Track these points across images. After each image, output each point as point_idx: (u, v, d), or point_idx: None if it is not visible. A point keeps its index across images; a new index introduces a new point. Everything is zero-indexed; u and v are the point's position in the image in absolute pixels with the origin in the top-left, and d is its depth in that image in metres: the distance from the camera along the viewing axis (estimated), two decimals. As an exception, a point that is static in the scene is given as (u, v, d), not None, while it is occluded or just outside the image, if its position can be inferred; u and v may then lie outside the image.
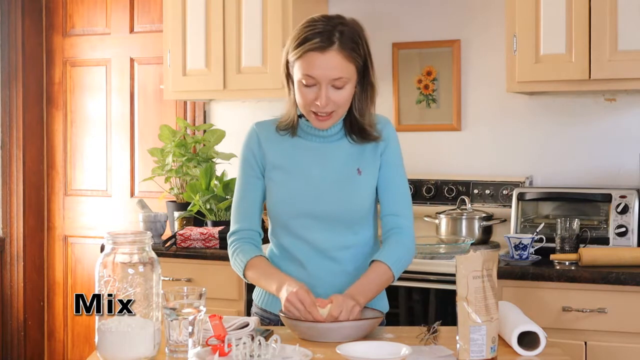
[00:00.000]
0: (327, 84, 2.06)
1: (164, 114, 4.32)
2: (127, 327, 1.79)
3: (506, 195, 3.47)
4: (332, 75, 2.05)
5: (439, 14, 3.70)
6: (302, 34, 2.07)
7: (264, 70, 3.65)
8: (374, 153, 2.20)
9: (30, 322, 4.56)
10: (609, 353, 2.85)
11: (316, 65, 2.04)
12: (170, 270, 3.46)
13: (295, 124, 2.18)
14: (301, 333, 2.00)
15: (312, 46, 2.04)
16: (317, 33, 2.05)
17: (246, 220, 2.24)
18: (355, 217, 2.18)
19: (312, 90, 2.07)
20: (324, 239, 2.17)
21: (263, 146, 2.20)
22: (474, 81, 3.66)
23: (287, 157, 2.19)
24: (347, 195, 2.16)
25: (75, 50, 4.54)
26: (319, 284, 2.16)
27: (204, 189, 3.69)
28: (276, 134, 2.21)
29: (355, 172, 2.18)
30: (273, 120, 2.24)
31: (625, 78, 3.08)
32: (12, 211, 4.52)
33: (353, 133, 2.18)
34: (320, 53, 2.04)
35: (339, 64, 2.05)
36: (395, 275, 2.16)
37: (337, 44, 2.05)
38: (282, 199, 2.18)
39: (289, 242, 2.20)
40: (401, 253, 2.18)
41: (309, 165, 2.18)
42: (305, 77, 2.06)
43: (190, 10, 3.77)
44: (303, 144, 2.19)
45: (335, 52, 2.04)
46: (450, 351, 1.87)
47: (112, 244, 1.83)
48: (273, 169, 2.19)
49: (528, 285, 2.94)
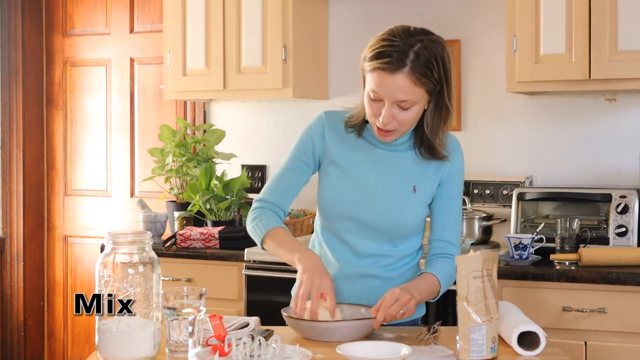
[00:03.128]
0: (391, 104, 2.00)
1: (164, 114, 4.32)
2: (127, 327, 1.79)
3: (506, 195, 3.47)
4: (397, 97, 1.98)
5: (439, 14, 3.70)
6: (377, 47, 1.99)
7: (264, 70, 3.65)
8: (436, 172, 2.16)
9: (30, 322, 4.56)
10: (609, 353, 2.85)
11: (383, 84, 1.98)
12: (170, 270, 3.46)
13: (363, 126, 2.15)
14: (302, 332, 2.01)
15: (382, 65, 1.96)
16: (391, 52, 1.96)
17: (277, 196, 2.22)
18: (399, 233, 2.17)
19: (377, 105, 2.02)
20: (364, 245, 2.16)
21: (327, 138, 2.17)
22: (474, 81, 3.66)
23: (348, 156, 2.16)
24: (396, 210, 2.14)
25: (75, 50, 4.54)
26: (349, 283, 2.17)
27: (204, 189, 3.68)
28: (343, 129, 2.17)
29: (411, 189, 2.14)
30: (343, 112, 2.20)
31: (625, 78, 3.08)
32: (12, 211, 4.53)
33: (422, 147, 2.13)
34: (389, 74, 1.96)
35: (406, 88, 1.97)
36: (440, 292, 2.14)
37: (408, 67, 1.96)
38: (332, 197, 2.16)
39: (329, 239, 2.20)
40: (449, 274, 2.15)
41: (366, 170, 2.15)
42: (372, 92, 2.01)
43: (190, 10, 3.77)
44: (367, 147, 2.16)
45: (404, 76, 1.96)
46: (450, 351, 1.87)
47: (112, 244, 1.83)
48: (331, 164, 2.17)
49: (528, 285, 2.94)
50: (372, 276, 2.18)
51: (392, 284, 2.11)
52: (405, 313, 1.99)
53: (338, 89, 3.89)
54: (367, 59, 2.01)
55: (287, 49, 3.61)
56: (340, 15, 3.83)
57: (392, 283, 2.14)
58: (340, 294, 2.15)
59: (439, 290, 2.14)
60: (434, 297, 2.16)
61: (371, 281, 2.18)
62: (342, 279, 2.17)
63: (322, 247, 2.23)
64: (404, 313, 1.99)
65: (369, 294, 2.15)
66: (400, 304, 1.97)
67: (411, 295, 2.01)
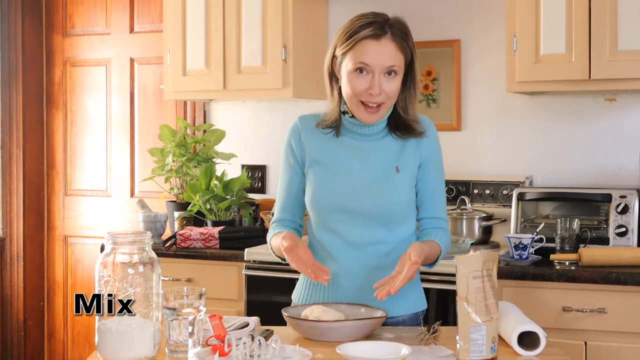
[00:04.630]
0: (380, 72, 2.09)
1: (164, 114, 4.32)
2: (127, 327, 1.79)
3: (506, 195, 3.47)
4: (386, 62, 2.09)
5: (439, 14, 3.70)
6: (353, 26, 2.12)
7: (264, 70, 3.65)
8: (415, 150, 2.22)
9: (30, 322, 4.56)
10: (609, 353, 2.85)
11: (371, 52, 2.09)
12: (170, 270, 3.46)
13: (339, 124, 2.21)
14: (302, 332, 2.01)
15: (366, 34, 2.09)
16: (369, 23, 2.10)
17: (287, 212, 2.30)
18: (391, 215, 2.20)
19: (365, 79, 2.10)
20: (358, 234, 2.19)
21: (303, 140, 2.24)
22: (474, 81, 3.66)
23: (328, 153, 2.21)
24: (384, 193, 2.18)
25: (75, 50, 4.54)
26: (351, 278, 2.19)
27: (204, 189, 3.69)
28: (319, 130, 2.23)
29: (394, 170, 2.19)
30: (316, 115, 2.27)
31: (625, 78, 3.08)
32: (12, 211, 4.53)
33: (397, 129, 2.21)
34: (375, 40, 2.09)
35: (392, 52, 2.10)
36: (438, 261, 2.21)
37: (389, 33, 2.10)
38: (320, 194, 2.20)
39: (324, 236, 2.22)
40: (446, 244, 2.23)
41: (348, 161, 2.20)
42: (359, 64, 2.09)
43: (190, 10, 3.77)
44: (346, 142, 2.21)
45: (388, 41, 2.10)
46: (450, 351, 1.87)
47: (112, 244, 1.83)
48: (313, 164, 2.22)
49: (528, 285, 2.94)
50: (372, 267, 2.19)
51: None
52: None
53: (338, 89, 3.89)
54: (344, 41, 2.13)
55: (287, 49, 3.61)
56: (340, 15, 3.83)
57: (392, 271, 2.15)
58: (343, 289, 2.18)
59: (438, 255, 2.20)
60: (432, 263, 2.21)
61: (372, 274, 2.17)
62: (343, 274, 2.20)
63: (320, 246, 2.24)
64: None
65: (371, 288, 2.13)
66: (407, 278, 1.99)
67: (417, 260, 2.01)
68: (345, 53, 2.12)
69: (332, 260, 2.21)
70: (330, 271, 2.07)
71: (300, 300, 2.30)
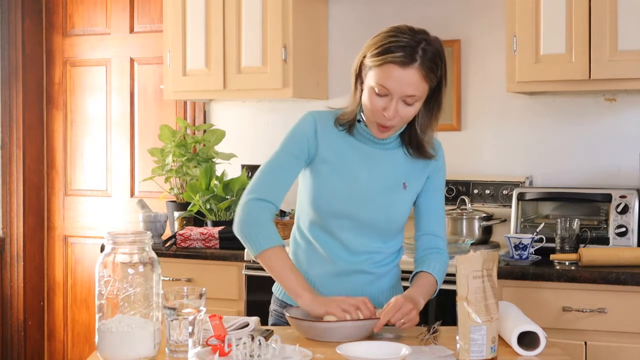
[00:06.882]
0: (399, 97, 2.03)
1: (164, 114, 4.32)
2: (127, 327, 1.79)
3: (506, 195, 3.47)
4: (406, 91, 2.02)
5: (439, 14, 3.70)
6: (385, 42, 2.03)
7: (264, 70, 3.65)
8: (422, 171, 2.21)
9: (30, 322, 4.56)
10: (609, 353, 2.85)
11: (394, 78, 2.01)
12: (170, 270, 3.46)
13: (353, 124, 2.17)
14: (303, 332, 2.01)
15: (394, 59, 2.00)
16: (401, 47, 2.01)
17: (271, 192, 2.18)
18: (390, 228, 2.21)
19: (382, 100, 2.05)
20: (357, 242, 2.19)
21: (319, 136, 2.18)
22: (474, 81, 3.66)
23: (338, 154, 2.18)
24: (389, 206, 2.18)
25: (75, 50, 4.54)
26: (339, 283, 2.19)
27: (204, 189, 3.69)
28: (333, 128, 2.18)
29: (401, 186, 2.18)
30: (330, 112, 2.22)
31: (625, 78, 3.08)
32: (12, 211, 4.53)
33: (411, 147, 2.18)
34: (401, 68, 2.01)
35: (416, 82, 2.02)
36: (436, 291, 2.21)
37: (418, 62, 2.01)
38: (325, 195, 2.17)
39: (320, 236, 2.21)
40: (443, 270, 2.23)
41: (358, 167, 2.17)
42: (379, 87, 2.03)
43: (190, 10, 3.77)
44: (357, 145, 2.18)
45: (414, 70, 2.01)
46: (450, 351, 1.87)
47: (112, 244, 1.83)
48: (322, 163, 2.18)
49: (528, 285, 2.95)
50: (364, 272, 2.21)
51: (382, 280, 2.23)
52: (406, 323, 2.00)
53: (338, 89, 3.89)
54: (374, 55, 2.03)
55: (287, 49, 3.61)
56: (340, 15, 3.83)
57: (381, 279, 2.23)
58: (331, 290, 2.17)
59: (436, 290, 2.21)
60: (432, 296, 2.21)
61: (362, 277, 2.21)
62: (334, 276, 2.20)
63: (312, 245, 2.22)
64: (404, 322, 2.00)
65: (360, 289, 2.19)
66: (403, 313, 2.00)
67: (414, 304, 2.03)
68: (372, 67, 2.05)
69: (324, 261, 2.21)
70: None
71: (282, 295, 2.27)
